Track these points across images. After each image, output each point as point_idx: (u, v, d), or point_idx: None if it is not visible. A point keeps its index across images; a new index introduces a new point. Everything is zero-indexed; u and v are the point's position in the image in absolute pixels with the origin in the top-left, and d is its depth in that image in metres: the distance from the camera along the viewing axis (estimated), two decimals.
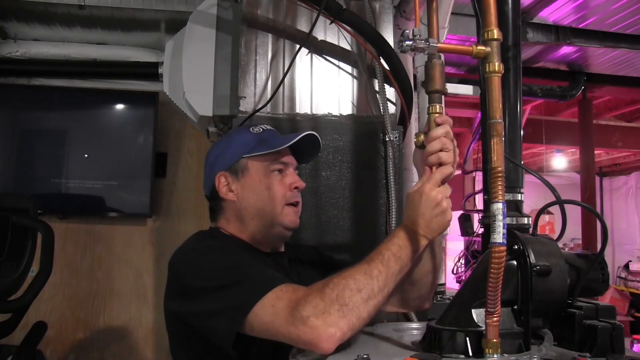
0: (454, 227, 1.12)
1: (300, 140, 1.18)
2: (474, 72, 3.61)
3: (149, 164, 2.95)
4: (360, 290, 0.90)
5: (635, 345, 2.57)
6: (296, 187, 1.20)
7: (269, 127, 1.25)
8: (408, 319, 1.55)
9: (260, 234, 1.19)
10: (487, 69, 0.86)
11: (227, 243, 1.15)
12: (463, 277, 2.93)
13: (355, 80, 1.81)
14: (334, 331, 0.86)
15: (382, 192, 1.70)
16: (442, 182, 0.98)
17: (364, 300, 0.90)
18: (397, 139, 1.71)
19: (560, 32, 3.07)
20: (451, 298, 1.15)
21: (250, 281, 0.95)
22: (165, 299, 1.09)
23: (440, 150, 0.97)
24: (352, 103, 1.79)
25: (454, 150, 0.99)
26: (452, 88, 3.43)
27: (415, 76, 1.95)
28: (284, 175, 1.19)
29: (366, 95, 1.80)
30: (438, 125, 0.98)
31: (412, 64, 1.96)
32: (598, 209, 7.57)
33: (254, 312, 0.91)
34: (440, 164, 0.98)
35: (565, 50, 3.39)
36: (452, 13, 1.93)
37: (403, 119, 1.79)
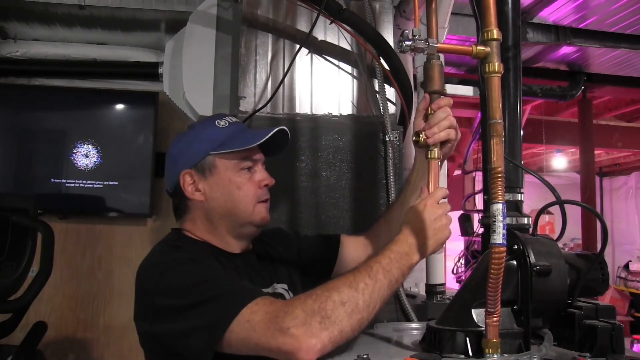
0: (454, 227, 1.12)
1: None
2: (473, 72, 3.60)
3: (149, 164, 2.95)
4: (344, 303, 0.88)
5: (635, 345, 2.57)
6: (266, 185, 1.15)
7: (235, 119, 1.18)
8: (408, 319, 1.55)
9: (230, 234, 1.14)
10: (487, 69, 0.86)
11: (194, 252, 1.08)
12: (463, 277, 2.93)
13: (355, 80, 1.81)
14: (314, 342, 0.83)
15: (382, 192, 1.70)
16: (442, 197, 0.99)
17: (348, 314, 0.87)
18: (397, 139, 1.71)
19: (560, 32, 3.07)
20: (451, 298, 1.15)
21: (224, 296, 0.91)
22: (136, 318, 1.03)
23: (449, 128, 1.02)
24: (352, 103, 1.79)
25: (456, 129, 1.04)
26: (452, 88, 3.43)
27: (415, 76, 1.94)
28: (253, 172, 1.14)
29: (366, 95, 1.80)
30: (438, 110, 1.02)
31: (412, 64, 1.96)
32: (598, 209, 7.57)
33: (230, 330, 0.88)
34: (448, 141, 1.03)
35: (565, 50, 3.39)
36: (452, 13, 1.93)
37: (403, 119, 1.79)
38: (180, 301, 0.93)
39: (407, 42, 0.90)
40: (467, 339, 0.89)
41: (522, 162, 1.10)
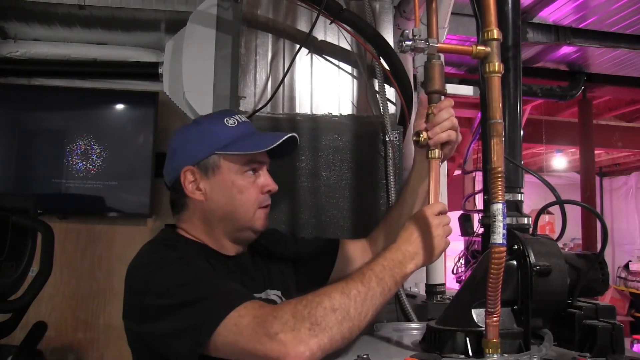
0: (454, 227, 1.12)
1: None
2: (474, 72, 3.61)
3: (149, 164, 2.96)
4: (335, 310, 0.85)
5: (635, 345, 2.57)
6: (269, 191, 1.12)
7: (244, 118, 1.14)
8: (408, 319, 1.55)
9: (226, 237, 1.11)
10: (487, 69, 0.86)
11: (185, 252, 1.05)
12: (463, 277, 2.92)
13: (355, 80, 1.81)
14: (303, 349, 0.81)
15: (382, 192, 1.70)
16: (441, 211, 0.98)
17: (338, 321, 0.85)
18: (397, 139, 1.71)
19: (560, 32, 3.08)
20: (451, 298, 1.15)
21: (212, 299, 0.89)
22: (124, 317, 1.00)
23: (450, 129, 1.01)
24: (352, 103, 1.79)
25: (457, 130, 1.04)
26: (452, 88, 3.43)
27: (415, 76, 1.94)
28: (257, 176, 1.11)
29: (366, 95, 1.80)
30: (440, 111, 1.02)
31: (412, 64, 1.96)
32: (598, 209, 7.58)
33: (217, 332, 0.85)
34: (448, 143, 1.03)
35: (565, 50, 3.39)
36: (452, 13, 1.92)
37: (403, 119, 1.79)
38: (168, 301, 0.91)
39: (407, 42, 0.90)
40: (467, 339, 0.89)
41: (522, 162, 1.09)
